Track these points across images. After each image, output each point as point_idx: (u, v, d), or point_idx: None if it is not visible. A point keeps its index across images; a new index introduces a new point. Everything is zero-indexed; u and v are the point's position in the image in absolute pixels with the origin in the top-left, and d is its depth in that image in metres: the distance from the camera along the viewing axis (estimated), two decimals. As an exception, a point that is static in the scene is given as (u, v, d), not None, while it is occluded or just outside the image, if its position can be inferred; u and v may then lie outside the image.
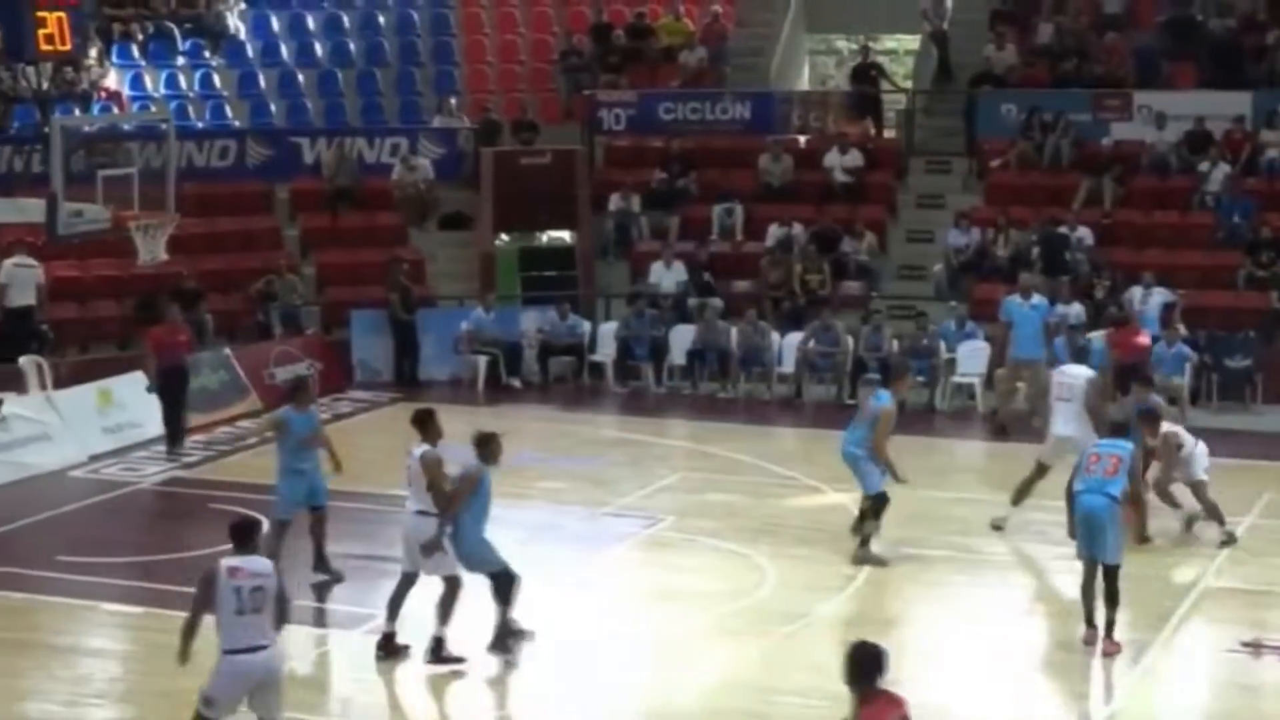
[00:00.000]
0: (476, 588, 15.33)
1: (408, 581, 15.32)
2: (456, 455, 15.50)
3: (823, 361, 26.81)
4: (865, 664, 10.04)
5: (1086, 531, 15.56)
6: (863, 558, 18.14)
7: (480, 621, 15.27)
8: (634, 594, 17.58)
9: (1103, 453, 15.77)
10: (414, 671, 15.17)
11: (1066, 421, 19.03)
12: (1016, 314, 24.46)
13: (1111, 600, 15.45)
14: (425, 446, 15.25)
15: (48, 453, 22.59)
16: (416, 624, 15.27)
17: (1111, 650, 15.43)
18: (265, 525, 12.94)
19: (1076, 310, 26.27)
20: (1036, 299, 24.61)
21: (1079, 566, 15.83)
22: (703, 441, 23.99)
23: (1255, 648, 15.62)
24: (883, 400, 18.23)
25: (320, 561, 17.58)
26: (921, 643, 16.14)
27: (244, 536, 12.24)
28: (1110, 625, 15.51)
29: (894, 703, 10.09)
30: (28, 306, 25.69)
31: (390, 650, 15.28)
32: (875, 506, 18.25)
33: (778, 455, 23.18)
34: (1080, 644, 15.62)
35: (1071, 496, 15.88)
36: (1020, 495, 19.27)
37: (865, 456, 18.04)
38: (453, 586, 15.06)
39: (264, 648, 11.99)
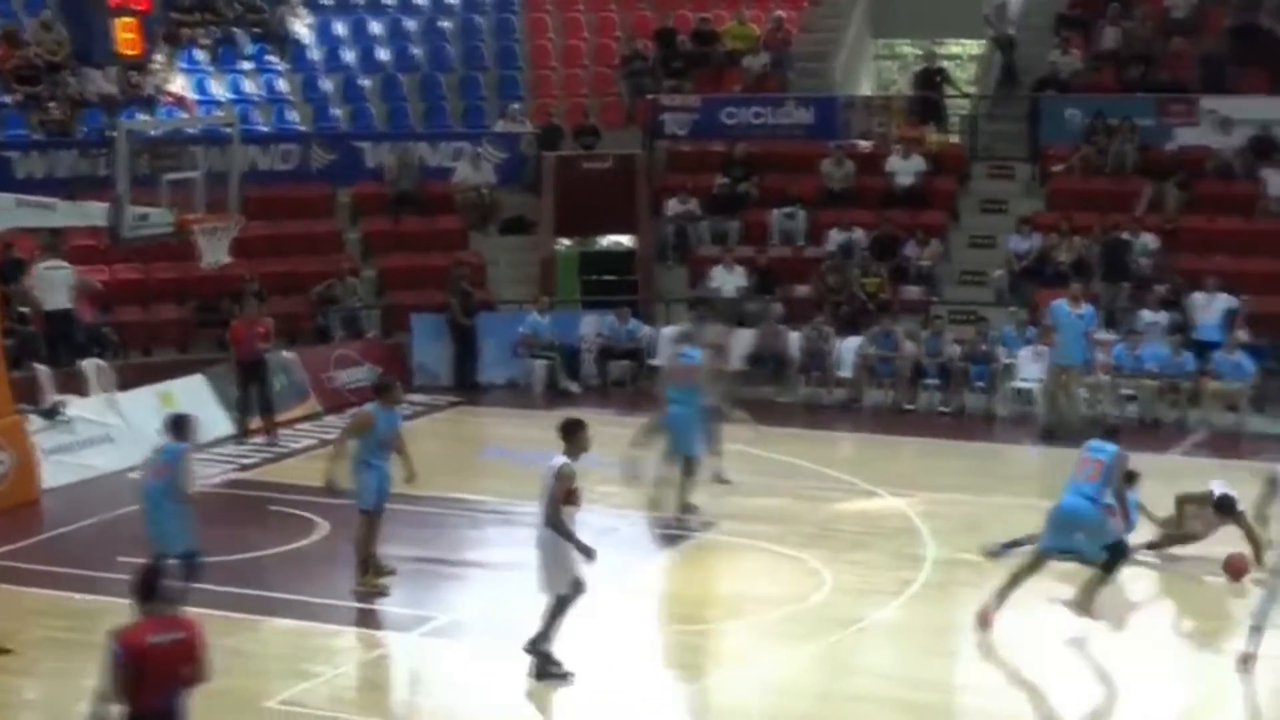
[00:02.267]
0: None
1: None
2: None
3: (882, 367, 26.76)
4: (139, 587, 10.83)
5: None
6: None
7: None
8: (690, 598, 17.58)
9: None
10: (469, 674, 15.24)
11: None
12: (1063, 319, 24.44)
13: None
14: (565, 459, 14.77)
15: (109, 454, 22.76)
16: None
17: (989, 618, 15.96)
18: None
19: (1163, 318, 26.27)
20: (1085, 307, 24.56)
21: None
22: (760, 446, 23.94)
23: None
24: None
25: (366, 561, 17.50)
26: (978, 649, 16.11)
27: None
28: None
29: (166, 624, 10.87)
30: (64, 310, 25.79)
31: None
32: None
33: (835, 460, 23.17)
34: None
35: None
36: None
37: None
38: (562, 603, 14.83)
39: None
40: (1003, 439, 25.04)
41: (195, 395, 24.59)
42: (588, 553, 14.62)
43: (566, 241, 31.44)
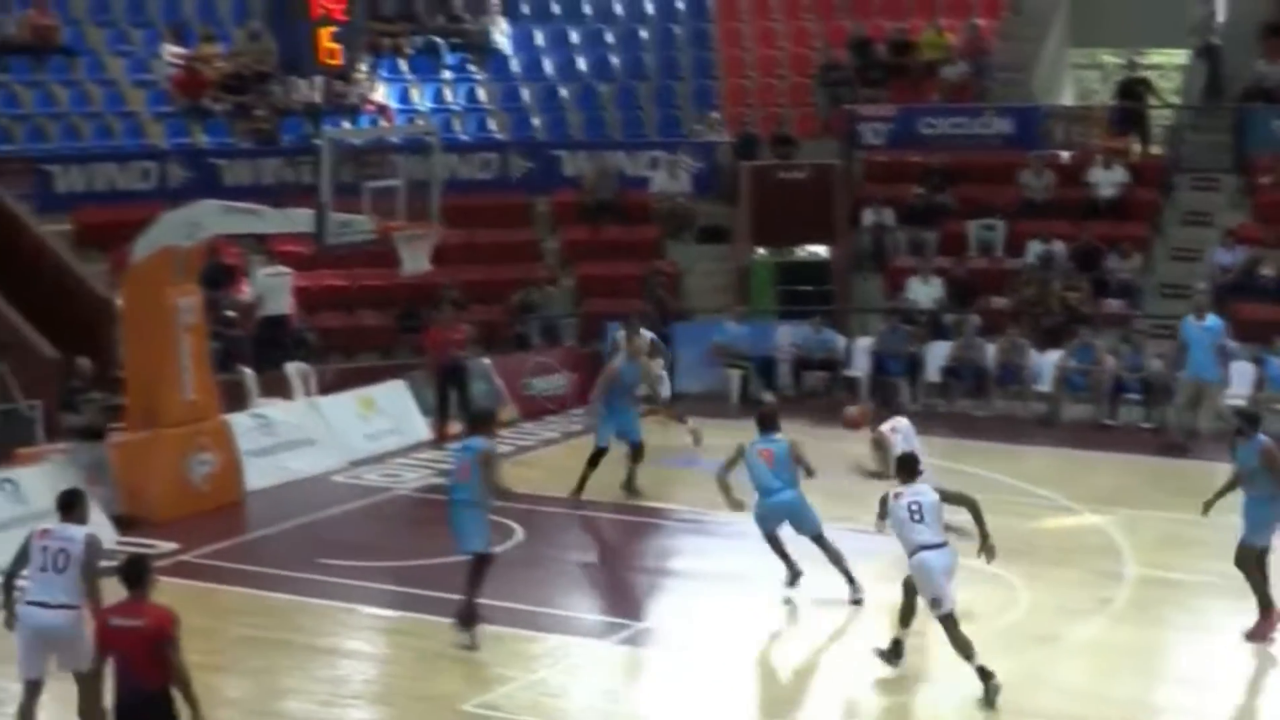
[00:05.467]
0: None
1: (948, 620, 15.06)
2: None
3: (1081, 380, 26.42)
4: (122, 570, 11.64)
5: None
6: None
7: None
8: (883, 611, 17.45)
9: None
10: (663, 682, 15.29)
11: None
12: (1189, 334, 24.25)
13: None
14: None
15: (311, 457, 23.14)
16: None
17: None
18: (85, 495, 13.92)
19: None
20: (1210, 320, 24.19)
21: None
22: (957, 459, 23.73)
23: None
24: None
25: None
26: (1179, 668, 15.88)
27: (65, 506, 13.45)
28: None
29: (132, 610, 11.40)
30: (281, 315, 26.34)
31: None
32: None
33: (1033, 475, 22.87)
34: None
35: None
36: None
37: None
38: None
39: (55, 606, 12.87)
40: (1205, 455, 24.54)
41: (396, 400, 24.95)
42: None
43: (762, 251, 31.41)
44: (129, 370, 21.83)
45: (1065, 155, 32.11)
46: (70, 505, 13.39)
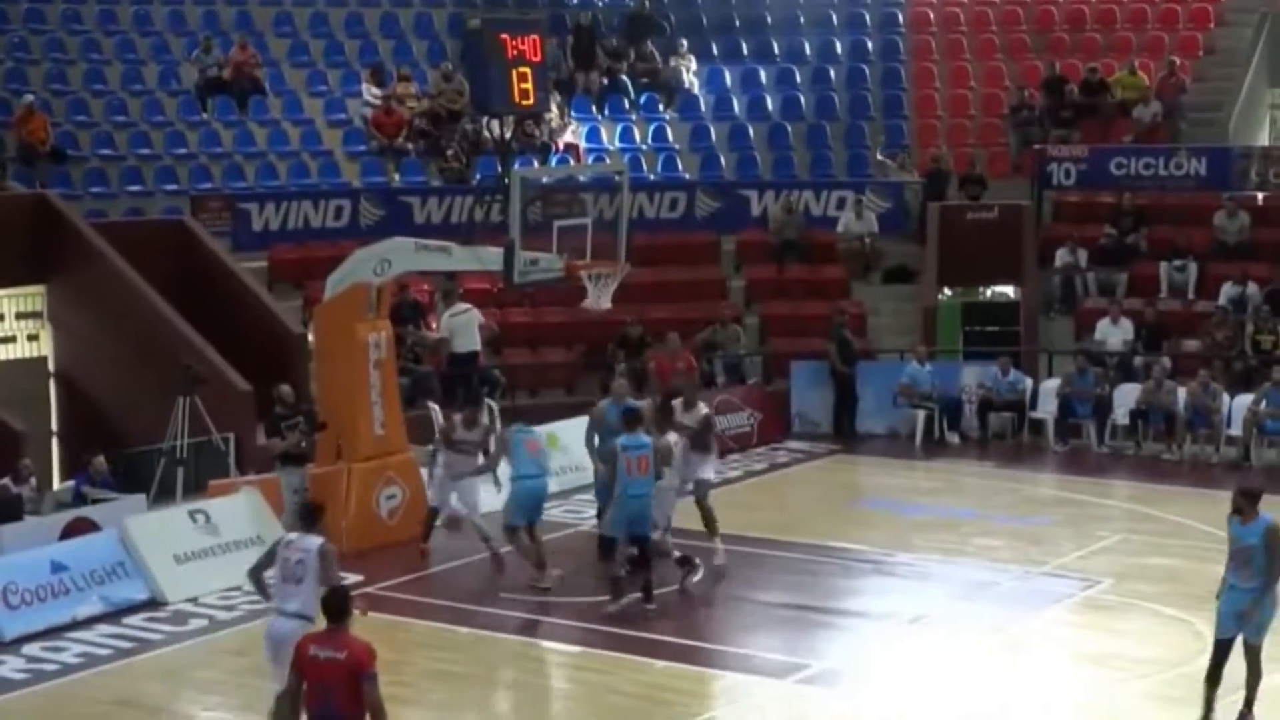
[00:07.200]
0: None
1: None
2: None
3: (1272, 424, 25.93)
4: (326, 602, 11.76)
5: None
6: None
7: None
8: (1067, 656, 17.30)
9: None
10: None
11: None
12: None
13: None
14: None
15: (494, 492, 23.28)
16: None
17: None
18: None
19: None
20: None
21: None
22: (1145, 503, 23.45)
23: None
24: None
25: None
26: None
27: (305, 517, 14.06)
28: None
29: (333, 641, 11.40)
30: (472, 352, 26.60)
31: None
32: None
33: (1223, 520, 22.39)
34: None
35: None
36: None
37: None
38: None
39: (288, 615, 13.45)
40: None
41: (580, 437, 25.01)
42: None
43: (949, 291, 31.24)
44: (320, 404, 22.21)
45: (1260, 196, 31.61)
46: (310, 517, 13.99)
